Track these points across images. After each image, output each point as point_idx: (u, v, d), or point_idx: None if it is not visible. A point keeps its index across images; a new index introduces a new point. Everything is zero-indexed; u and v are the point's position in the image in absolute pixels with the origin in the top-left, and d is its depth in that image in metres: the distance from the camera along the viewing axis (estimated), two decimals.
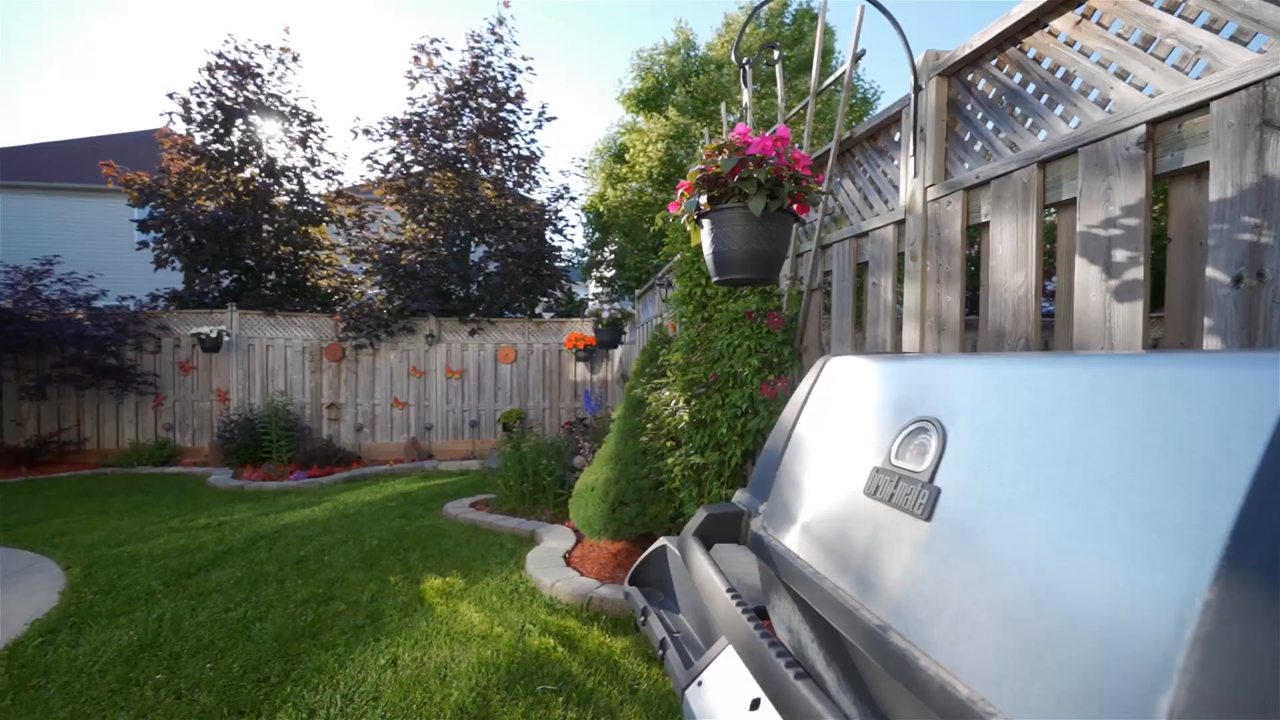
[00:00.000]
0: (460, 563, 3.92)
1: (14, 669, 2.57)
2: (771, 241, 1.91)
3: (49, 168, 16.86)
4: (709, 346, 3.17)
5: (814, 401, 1.05)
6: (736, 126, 1.85)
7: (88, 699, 2.34)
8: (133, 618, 3.05)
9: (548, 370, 8.72)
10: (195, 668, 2.56)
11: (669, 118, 10.94)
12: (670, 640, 1.25)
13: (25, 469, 7.37)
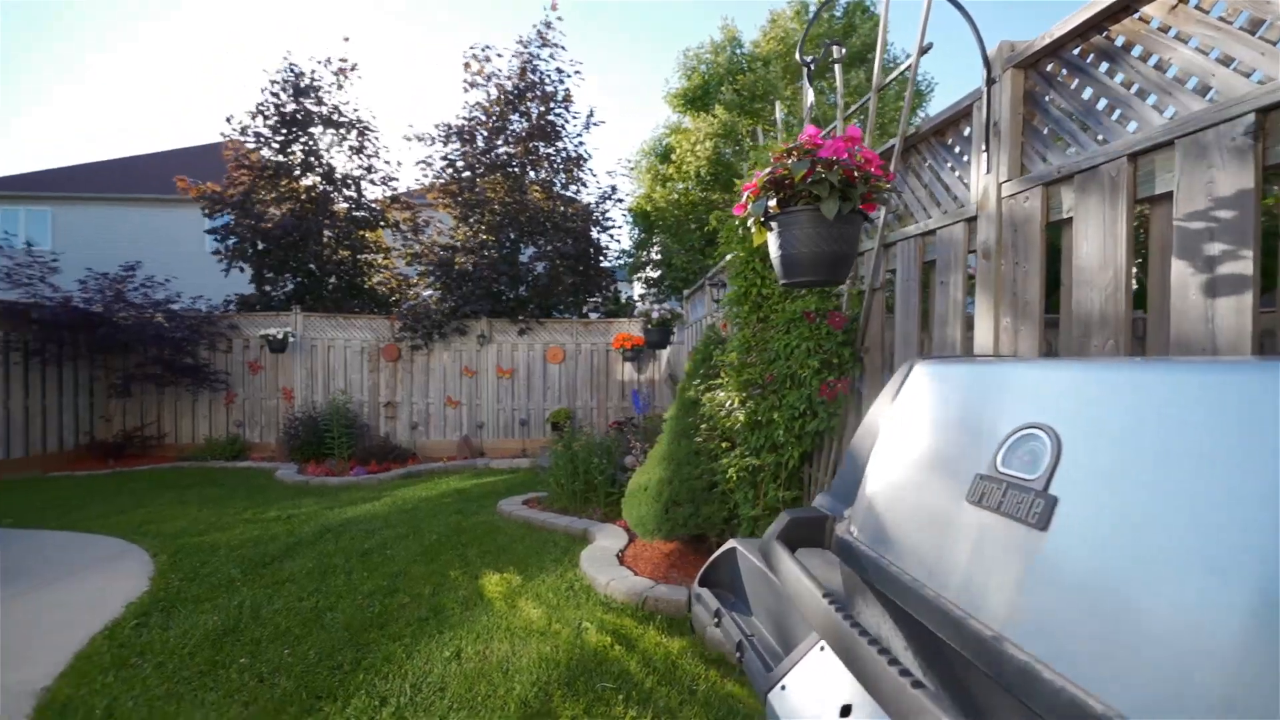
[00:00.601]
0: (516, 559, 4.00)
1: (114, 647, 2.76)
2: (841, 243, 1.88)
3: (128, 180, 18.03)
4: (765, 347, 3.15)
5: (901, 406, 1.03)
6: (806, 128, 1.84)
7: (180, 679, 2.50)
8: (216, 604, 3.23)
9: (595, 370, 8.81)
10: (274, 653, 2.70)
11: (716, 116, 10.87)
12: (747, 642, 1.25)
13: (113, 462, 7.90)
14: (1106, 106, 1.63)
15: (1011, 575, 0.65)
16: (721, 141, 10.69)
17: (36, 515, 5.15)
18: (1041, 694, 0.56)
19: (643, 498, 3.97)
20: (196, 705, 2.31)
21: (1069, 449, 0.66)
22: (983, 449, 0.78)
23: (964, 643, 0.67)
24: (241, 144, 9.49)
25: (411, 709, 2.31)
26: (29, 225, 16.84)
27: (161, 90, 59.53)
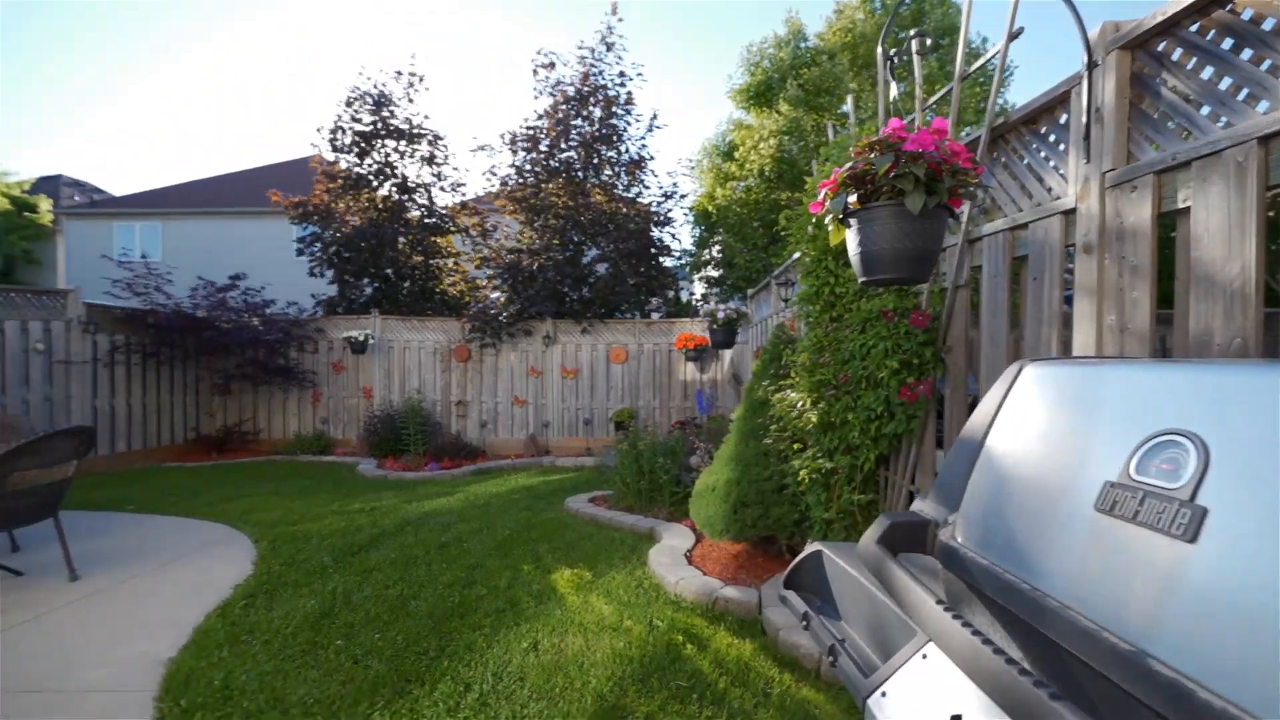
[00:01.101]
0: (585, 556, 4.08)
1: (227, 625, 3.01)
2: (925, 239, 1.82)
3: (226, 195, 19.52)
4: (838, 347, 3.08)
5: (1011, 409, 0.99)
6: (890, 121, 1.79)
7: (285, 656, 2.69)
8: (312, 589, 3.46)
9: (658, 370, 8.85)
10: (366, 637, 2.87)
11: (780, 112, 10.66)
12: (840, 647, 1.24)
13: (216, 454, 8.58)
14: (1230, 87, 1.51)
15: (1152, 588, 0.62)
16: (786, 138, 10.49)
17: (156, 502, 5.66)
18: (1195, 713, 0.54)
19: (710, 498, 3.97)
20: (300, 682, 2.48)
21: (1218, 457, 0.62)
22: (1110, 456, 0.74)
23: (1097, 656, 0.64)
24: (322, 158, 10.12)
25: (494, 696, 2.40)
26: (143, 239, 18.51)
27: (254, 111, 64.14)
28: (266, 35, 57.88)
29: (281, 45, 61.71)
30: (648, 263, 9.40)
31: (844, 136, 3.28)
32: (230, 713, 2.26)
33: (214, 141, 56.52)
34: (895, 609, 1.12)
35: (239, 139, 57.56)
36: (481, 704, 2.35)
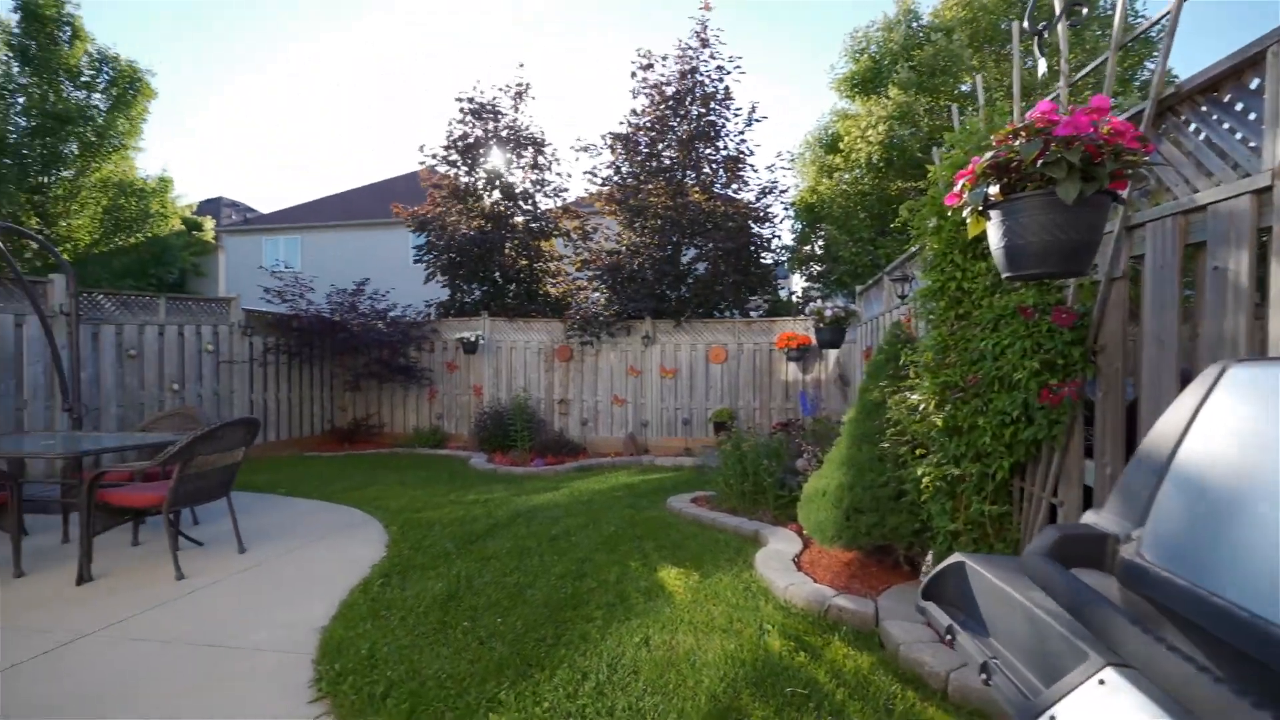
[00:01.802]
0: (691, 556, 4.09)
1: (368, 600, 3.31)
2: (1080, 230, 1.66)
3: (352, 209, 21.45)
4: (966, 346, 2.88)
5: (1212, 415, 0.89)
6: (1039, 104, 1.65)
7: (419, 633, 2.91)
8: (438, 572, 3.72)
9: (758, 370, 8.70)
10: (489, 621, 3.04)
11: (889, 98, 10.10)
12: (994, 665, 1.16)
13: (347, 446, 9.44)
14: None
15: None
16: (896, 124, 9.92)
17: (300, 487, 6.32)
18: None
19: (820, 503, 3.84)
20: (433, 657, 2.68)
21: None
22: None
23: None
24: (434, 170, 10.87)
25: (610, 687, 2.47)
26: (285, 251, 20.73)
27: (380, 125, 70.22)
28: (387, 49, 63.26)
29: (402, 57, 67.05)
30: (747, 260, 9.26)
31: (972, 120, 3.06)
32: (376, 679, 2.48)
33: (346, 157, 62.56)
34: (1060, 628, 1.03)
35: (367, 154, 63.28)
36: (599, 693, 2.42)
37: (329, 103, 69.45)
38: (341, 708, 2.33)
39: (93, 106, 14.74)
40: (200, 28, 44.08)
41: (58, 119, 14.01)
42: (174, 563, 3.74)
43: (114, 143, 15.00)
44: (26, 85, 13.96)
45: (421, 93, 68.74)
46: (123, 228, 15.86)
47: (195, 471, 3.89)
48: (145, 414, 7.02)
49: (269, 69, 59.09)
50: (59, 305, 6.16)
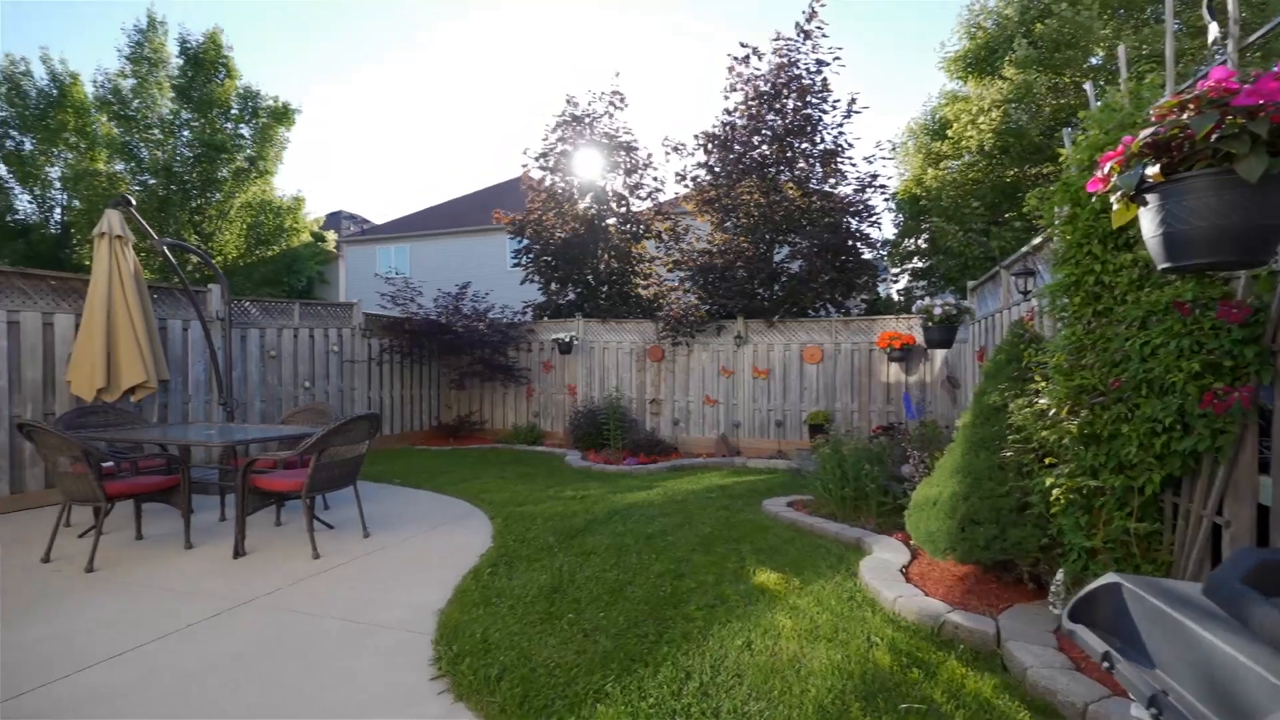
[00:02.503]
0: (790, 561, 4.00)
1: (479, 587, 3.50)
2: (1266, 212, 1.46)
3: (454, 217, 22.78)
4: (1106, 346, 2.62)
5: None
6: (1212, 72, 1.47)
7: (527, 621, 3.04)
8: (542, 564, 3.87)
9: (856, 371, 8.35)
10: (592, 614, 3.12)
11: (1006, 77, 9.33)
12: (1166, 700, 1.04)
13: (451, 441, 10.02)
14: None
15: None
16: (1013, 106, 9.15)
17: (412, 478, 6.78)
18: None
19: (931, 513, 3.63)
20: (541, 645, 2.79)
21: None
22: None
23: None
24: (531, 176, 11.31)
25: (714, 689, 2.46)
26: (396, 259, 22.34)
27: (481, 135, 74.24)
28: (493, 58, 66.78)
29: (507, 66, 70.42)
30: (844, 257, 8.91)
31: (1113, 96, 2.78)
32: (490, 663, 2.61)
33: (452, 167, 66.69)
34: (1258, 667, 0.91)
35: (471, 163, 67.11)
36: (703, 694, 2.42)
37: (436, 115, 74.18)
38: (460, 686, 2.48)
39: (241, 136, 16.66)
40: (312, 49, 48.52)
41: (213, 149, 15.96)
42: (311, 543, 4.14)
43: (259, 168, 16.86)
44: (189, 120, 16.02)
45: (524, 102, 71.80)
46: (263, 242, 17.78)
47: (328, 461, 4.28)
48: (283, 408, 7.82)
49: (381, 87, 63.95)
50: (216, 312, 6.98)
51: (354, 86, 56.50)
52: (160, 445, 4.99)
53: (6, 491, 5.37)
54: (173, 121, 15.94)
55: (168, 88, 16.16)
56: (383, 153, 68.25)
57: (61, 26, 35.56)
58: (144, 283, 5.82)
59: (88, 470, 3.90)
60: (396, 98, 68.08)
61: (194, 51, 16.05)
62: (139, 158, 16.03)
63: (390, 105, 68.27)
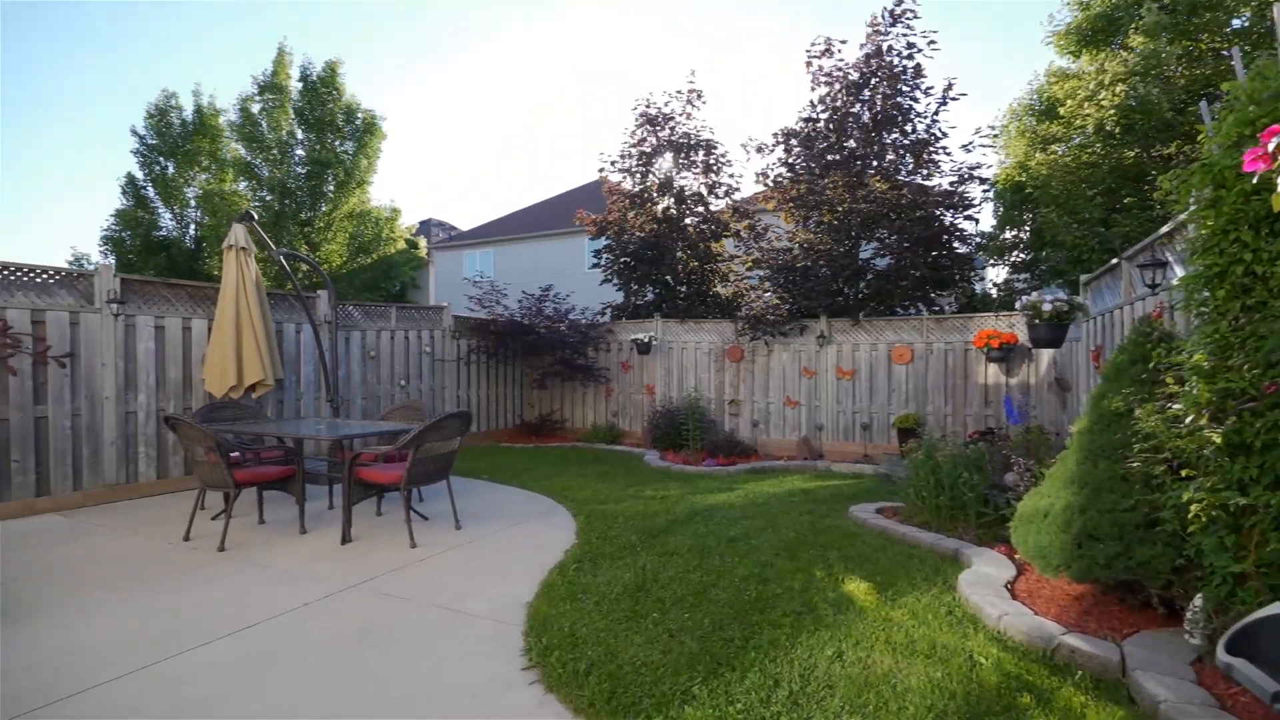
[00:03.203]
0: (880, 570, 3.82)
1: (565, 582, 3.58)
2: None
3: (535, 222, 23.52)
4: (1259, 345, 2.32)
5: None
6: None
7: (612, 618, 3.08)
8: (625, 562, 3.91)
9: (950, 371, 7.87)
10: (676, 615, 3.12)
11: (1130, 48, 8.43)
12: None
13: (534, 439, 10.33)
14: None
15: None
16: (1139, 80, 8.25)
17: (498, 474, 7.05)
18: None
19: (1041, 525, 3.36)
20: (627, 644, 2.81)
21: None
22: None
23: None
24: (609, 178, 11.47)
25: (804, 698, 2.39)
26: (481, 263, 23.34)
27: (555, 141, 76.29)
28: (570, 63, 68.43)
29: (585, 71, 71.94)
30: (937, 252, 8.42)
31: (1265, 64, 2.45)
32: (579, 657, 2.66)
33: (532, 172, 69.01)
34: None
35: (550, 169, 69.19)
36: (793, 703, 2.35)
37: (517, 121, 76.97)
38: (550, 678, 2.54)
39: (344, 151, 18.02)
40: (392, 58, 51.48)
41: (322, 164, 17.37)
42: (409, 533, 4.39)
43: (355, 178, 18.16)
44: (303, 140, 17.52)
45: (604, 105, 73.14)
46: (362, 250, 19.09)
47: (424, 456, 4.52)
48: (381, 405, 8.35)
49: (462, 94, 67.04)
50: (324, 315, 7.55)
51: (435, 94, 59.48)
52: (278, 438, 5.46)
53: (154, 476, 6.05)
54: (289, 142, 17.49)
55: (290, 111, 17.74)
56: (467, 159, 71.62)
57: (207, 60, 40.01)
58: (264, 290, 6.38)
59: (220, 460, 4.32)
60: (478, 104, 71.17)
61: (314, 78, 17.52)
62: (260, 176, 17.68)
63: (472, 112, 71.49)
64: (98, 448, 5.66)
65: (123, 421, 5.82)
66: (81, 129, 45.97)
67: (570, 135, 79.20)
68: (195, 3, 34.96)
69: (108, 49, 38.64)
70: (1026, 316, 5.59)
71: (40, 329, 5.32)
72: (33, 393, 5.27)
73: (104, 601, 3.36)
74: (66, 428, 5.46)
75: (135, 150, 19.16)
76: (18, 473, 5.17)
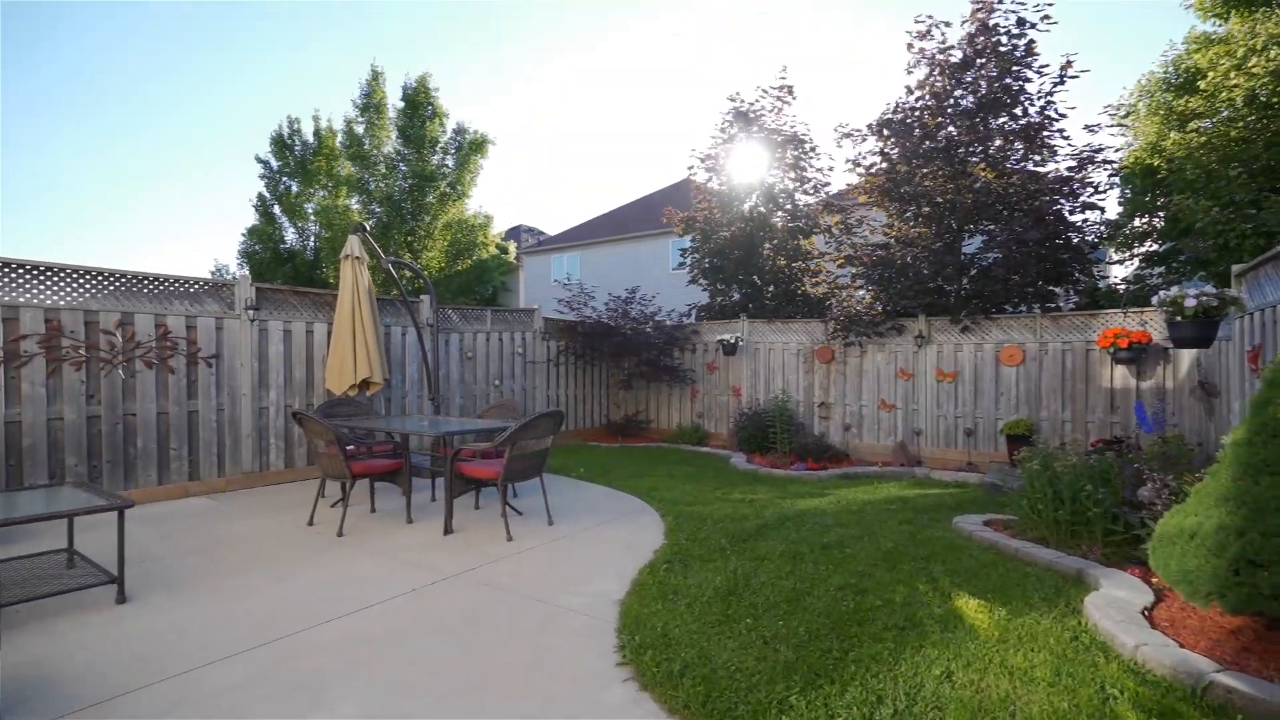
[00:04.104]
0: (992, 588, 3.56)
1: (656, 582, 3.60)
2: None
3: (619, 224, 23.87)
4: None
5: None
6: None
7: (704, 621, 3.06)
8: (715, 565, 3.88)
9: (1068, 374, 7.21)
10: (770, 622, 3.05)
11: None
12: None
13: (619, 439, 10.48)
14: None
15: None
16: None
17: (587, 473, 7.20)
18: None
19: (1188, 547, 2.99)
20: (720, 648, 2.78)
21: None
22: None
23: None
24: (697, 177, 11.43)
25: (910, 718, 2.26)
26: (568, 266, 24.00)
27: (638, 143, 77.30)
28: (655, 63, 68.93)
29: (671, 70, 72.29)
30: (1052, 244, 7.72)
31: None
32: (672, 658, 2.67)
33: (616, 174, 70.27)
34: None
35: (634, 170, 70.23)
36: None
37: (602, 123, 78.50)
38: (644, 676, 2.56)
39: (446, 166, 19.21)
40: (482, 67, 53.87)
41: (424, 179, 18.57)
42: (505, 527, 4.58)
43: (457, 191, 19.28)
44: (406, 155, 18.84)
45: (688, 107, 73.12)
46: (459, 256, 20.19)
47: (519, 453, 4.69)
48: (478, 404, 8.77)
49: (551, 103, 69.16)
50: (426, 319, 8.04)
51: (521, 102, 61.68)
52: (387, 433, 5.87)
53: (282, 466, 6.68)
54: (394, 158, 18.85)
55: (391, 129, 19.12)
56: (556, 165, 73.87)
57: (322, 86, 44.01)
58: (374, 295, 6.89)
59: (338, 452, 4.70)
60: (566, 110, 73.20)
61: (409, 95, 18.80)
62: (369, 190, 19.13)
63: (560, 118, 73.57)
64: (237, 439, 6.32)
65: (257, 416, 6.47)
66: (218, 154, 51.84)
67: (658, 137, 79.71)
68: (306, 36, 38.50)
69: (240, 85, 43.39)
70: (1166, 313, 5.00)
71: (192, 333, 6.02)
72: (186, 389, 5.97)
73: (249, 578, 3.75)
74: (213, 421, 6.14)
75: (261, 175, 21.35)
76: (175, 459, 5.88)
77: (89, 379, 5.38)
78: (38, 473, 5.07)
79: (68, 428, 5.25)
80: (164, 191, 55.71)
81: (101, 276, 5.50)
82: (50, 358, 5.15)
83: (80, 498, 3.53)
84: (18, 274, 5.07)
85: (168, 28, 38.47)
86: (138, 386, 5.66)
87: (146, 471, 5.70)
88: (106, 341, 5.46)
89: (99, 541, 3.98)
